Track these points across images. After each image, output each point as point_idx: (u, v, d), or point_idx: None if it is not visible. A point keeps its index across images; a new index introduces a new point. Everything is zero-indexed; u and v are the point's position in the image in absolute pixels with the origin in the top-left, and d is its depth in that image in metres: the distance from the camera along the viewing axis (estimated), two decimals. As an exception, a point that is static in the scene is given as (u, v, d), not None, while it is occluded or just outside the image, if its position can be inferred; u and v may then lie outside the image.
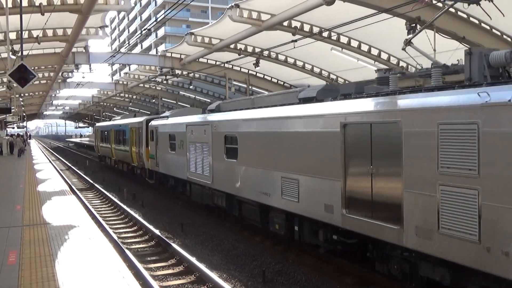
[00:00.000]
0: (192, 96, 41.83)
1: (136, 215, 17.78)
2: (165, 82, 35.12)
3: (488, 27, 16.13)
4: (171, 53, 28.38)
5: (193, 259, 11.58)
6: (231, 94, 30.32)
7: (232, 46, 23.19)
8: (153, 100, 45.19)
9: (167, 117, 21.75)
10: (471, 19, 15.81)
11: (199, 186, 17.17)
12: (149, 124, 24.50)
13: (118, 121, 35.70)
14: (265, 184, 12.29)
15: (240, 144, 13.67)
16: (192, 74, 31.74)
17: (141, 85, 39.03)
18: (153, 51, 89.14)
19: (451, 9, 15.38)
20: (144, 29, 18.52)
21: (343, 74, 25.48)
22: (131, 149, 28.89)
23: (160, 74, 29.86)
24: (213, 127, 15.52)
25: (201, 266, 10.99)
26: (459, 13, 15.59)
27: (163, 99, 44.67)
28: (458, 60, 8.71)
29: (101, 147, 40.62)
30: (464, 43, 15.87)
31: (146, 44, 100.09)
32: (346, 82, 25.84)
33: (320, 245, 10.88)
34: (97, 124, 46.35)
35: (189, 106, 40.12)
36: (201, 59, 27.57)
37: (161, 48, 76.28)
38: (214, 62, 28.18)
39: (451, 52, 16.03)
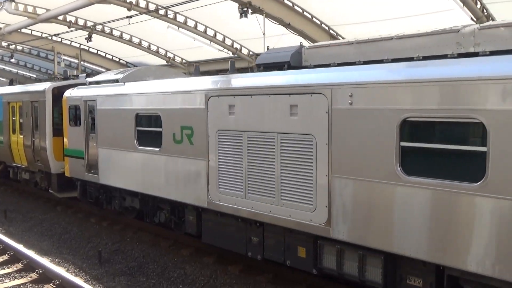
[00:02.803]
0: (14, 70, 37.79)
1: None
2: (-21, 53, 31.04)
3: (309, 16, 17.88)
4: (-13, 21, 25.19)
5: (19, 247, 10.83)
6: (60, 69, 28.28)
7: (61, 17, 21.57)
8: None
9: (118, 81, 11.95)
10: (296, 7, 17.35)
11: (249, 226, 8.67)
12: (67, 95, 13.57)
13: None
14: None
15: (496, 141, 5.46)
16: (14, 46, 28.66)
17: None
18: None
19: (279, -3, 16.71)
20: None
21: (180, 53, 25.72)
22: (9, 139, 17.79)
23: (-27, 44, 26.29)
24: (342, 97, 6.90)
25: (29, 253, 10.36)
26: (285, 1, 16.98)
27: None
28: None
29: None
30: (289, 29, 17.43)
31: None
32: (184, 61, 26.19)
33: None
34: None
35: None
36: (24, 30, 25.04)
37: (-26, 14, 66.70)
38: (40, 34, 25.88)
39: (279, 36, 17.51)
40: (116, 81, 12.02)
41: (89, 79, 13.45)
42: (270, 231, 8.24)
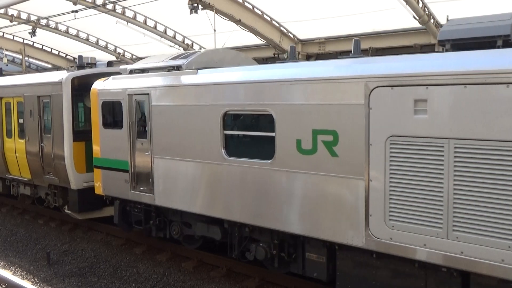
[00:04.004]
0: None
1: None
2: None
3: (260, 12, 17.99)
4: None
5: (-39, 251, 10.38)
6: (3, 65, 27.03)
7: (1, 11, 20.61)
8: None
9: (180, 67, 9.04)
10: (246, 3, 17.41)
11: (432, 274, 6.28)
12: (99, 88, 10.45)
13: None
14: None
15: None
16: (-50, 40, 27.14)
17: None
18: None
19: (229, -7, 16.70)
20: None
21: (130, 49, 25.22)
22: (1, 145, 13.86)
23: None
24: None
25: (-27, 257, 9.95)
26: (235, -3, 17.01)
27: None
28: None
29: None
30: (240, 25, 17.47)
31: None
32: (134, 57, 25.74)
33: None
34: None
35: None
36: (-39, 24, 23.76)
37: None
38: (-21, 28, 24.64)
39: (230, 33, 17.53)
40: (177, 68, 9.09)
41: (129, 67, 10.26)
42: (485, 286, 5.75)
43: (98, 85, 10.50)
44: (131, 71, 10.09)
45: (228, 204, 7.99)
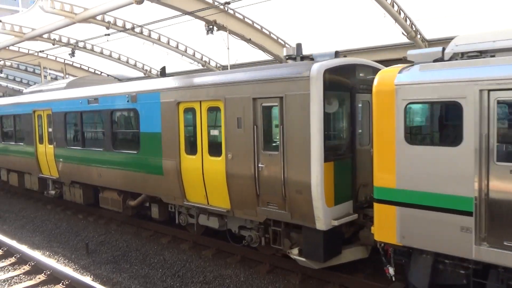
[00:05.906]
0: (3, 84, 36.33)
1: None
2: (-30, 69, 29.66)
3: (267, 32, 17.99)
4: (-24, 39, 24.10)
5: (12, 242, 10.50)
6: (47, 83, 27.44)
7: (45, 36, 20.90)
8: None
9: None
10: (255, 24, 17.44)
11: None
12: (402, 81, 6.02)
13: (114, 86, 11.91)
14: None
15: None
16: (3, 62, 27.57)
17: None
18: (-46, 36, 73.56)
19: (239, 15, 16.75)
20: None
21: (156, 66, 25.44)
22: (178, 164, 9.34)
23: (-36, 61, 25.08)
24: None
25: (21, 248, 10.06)
26: (246, 19, 17.04)
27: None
28: None
29: (64, 159, 13.02)
30: (250, 44, 17.50)
31: None
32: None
33: None
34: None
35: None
36: (12, 47, 24.12)
37: (-36, 33, 63.57)
38: (26, 51, 24.99)
39: (241, 50, 17.58)
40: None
41: (451, 49, 5.97)
42: None
43: (394, 78, 6.13)
44: (458, 54, 5.79)
45: None
